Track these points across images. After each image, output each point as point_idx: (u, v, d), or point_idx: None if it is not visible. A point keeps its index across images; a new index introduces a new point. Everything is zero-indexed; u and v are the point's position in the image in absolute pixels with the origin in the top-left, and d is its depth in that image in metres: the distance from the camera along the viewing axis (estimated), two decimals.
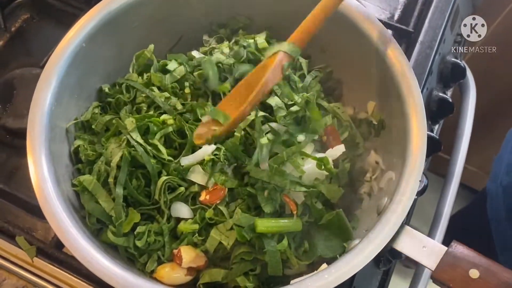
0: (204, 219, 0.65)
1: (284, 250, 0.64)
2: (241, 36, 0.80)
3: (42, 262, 0.72)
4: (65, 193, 0.64)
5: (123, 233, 0.64)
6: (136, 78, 0.74)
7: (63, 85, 0.68)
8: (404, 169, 0.62)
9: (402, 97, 0.66)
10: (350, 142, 0.76)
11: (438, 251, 0.57)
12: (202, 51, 0.80)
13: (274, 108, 0.71)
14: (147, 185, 0.66)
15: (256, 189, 0.66)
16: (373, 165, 0.74)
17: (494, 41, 1.14)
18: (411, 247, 0.59)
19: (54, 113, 0.66)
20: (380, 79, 0.71)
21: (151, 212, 0.67)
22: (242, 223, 0.63)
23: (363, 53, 0.73)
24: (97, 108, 0.74)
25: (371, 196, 0.72)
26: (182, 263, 0.64)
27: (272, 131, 0.69)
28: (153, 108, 0.71)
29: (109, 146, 0.66)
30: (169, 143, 0.69)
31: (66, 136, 0.70)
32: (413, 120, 0.64)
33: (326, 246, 0.66)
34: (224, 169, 0.68)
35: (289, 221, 0.65)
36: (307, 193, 0.66)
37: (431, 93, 0.90)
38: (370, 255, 0.57)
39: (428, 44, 0.89)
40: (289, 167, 0.66)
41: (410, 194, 0.60)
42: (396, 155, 0.67)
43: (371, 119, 0.75)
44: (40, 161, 0.62)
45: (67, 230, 0.58)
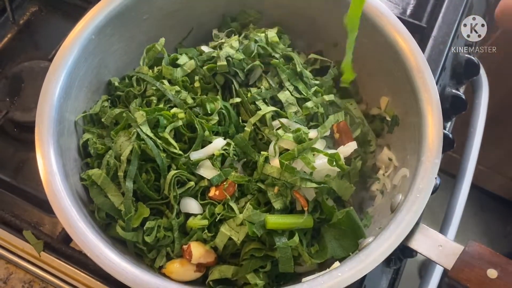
0: (214, 214, 0.65)
1: (296, 247, 0.63)
2: (252, 30, 0.79)
3: (49, 256, 0.72)
4: (74, 187, 0.63)
5: (132, 228, 0.63)
6: (146, 71, 0.73)
7: (72, 78, 0.67)
8: (419, 166, 0.61)
9: (417, 93, 0.65)
10: (362, 139, 0.74)
11: (455, 250, 0.55)
12: (212, 46, 0.79)
13: (285, 104, 0.70)
14: (157, 179, 0.65)
15: (266, 185, 0.65)
16: (386, 162, 0.72)
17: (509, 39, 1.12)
18: (426, 246, 0.57)
19: (62, 106, 0.65)
20: (394, 73, 0.69)
21: (160, 207, 0.66)
22: (252, 219, 0.62)
23: (376, 47, 0.71)
24: (106, 101, 0.73)
25: (384, 194, 0.71)
26: (191, 258, 0.63)
27: (283, 127, 0.68)
28: (163, 101, 0.70)
29: (119, 140, 0.65)
30: (179, 137, 0.68)
31: (75, 129, 0.69)
32: (429, 116, 0.63)
33: (338, 245, 0.64)
34: (233, 164, 0.68)
35: (300, 217, 0.64)
36: (318, 190, 0.64)
37: (444, 89, 0.88)
38: (384, 253, 0.55)
39: (441, 39, 0.87)
40: (300, 164, 0.65)
41: (426, 192, 0.58)
42: (410, 151, 0.66)
43: (384, 115, 0.74)
44: (49, 154, 0.61)
45: (76, 224, 0.57)
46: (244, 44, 0.74)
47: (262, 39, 0.75)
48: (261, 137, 0.69)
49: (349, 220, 0.64)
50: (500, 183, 1.70)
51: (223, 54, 0.72)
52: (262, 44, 0.74)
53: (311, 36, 0.80)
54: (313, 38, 0.80)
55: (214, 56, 0.73)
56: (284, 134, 0.67)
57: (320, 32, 0.78)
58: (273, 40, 0.75)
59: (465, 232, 0.96)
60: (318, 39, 0.80)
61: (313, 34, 0.79)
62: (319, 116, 0.71)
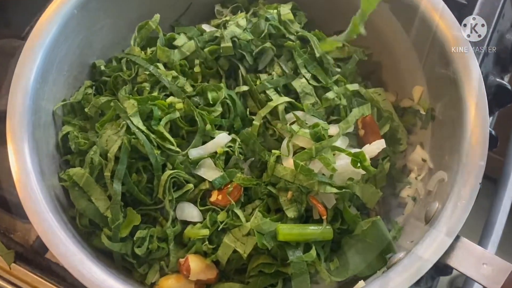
0: (216, 223, 0.63)
1: (312, 262, 0.61)
2: (261, 5, 0.78)
3: (21, 269, 0.71)
4: (51, 188, 0.62)
5: (120, 237, 0.62)
6: (138, 53, 0.72)
7: (50, 60, 0.66)
8: (459, 169, 0.59)
9: (457, 81, 0.63)
10: (391, 136, 0.73)
11: (503, 268, 0.54)
12: (214, 24, 0.78)
13: (300, 94, 0.68)
14: (149, 181, 0.64)
15: (277, 189, 0.64)
16: (419, 163, 0.71)
17: None
18: (468, 264, 0.56)
19: (38, 92, 0.64)
20: (430, 58, 0.68)
21: (154, 213, 0.65)
22: (262, 229, 0.61)
23: (409, 27, 0.69)
24: (90, 88, 0.72)
25: (416, 201, 0.70)
26: (189, 274, 0.62)
27: (298, 121, 0.67)
28: (158, 89, 0.69)
29: (105, 133, 0.64)
30: (176, 131, 0.67)
31: (53, 120, 0.68)
32: (471, 108, 0.61)
33: (362, 261, 0.63)
34: (239, 164, 0.67)
35: (318, 228, 0.62)
36: (338, 195, 0.63)
37: (486, 78, 0.87)
38: (418, 272, 0.54)
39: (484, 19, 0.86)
40: (318, 165, 0.64)
41: (469, 200, 0.57)
42: (448, 151, 0.65)
43: (417, 107, 0.72)
44: (23, 150, 0.60)
45: (53, 231, 0.56)
46: (252, 23, 0.73)
47: (274, 16, 0.73)
48: (272, 133, 0.68)
49: (376, 232, 0.63)
50: None
51: (227, 34, 0.71)
52: (274, 23, 0.72)
53: (332, 13, 0.78)
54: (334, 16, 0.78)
55: (217, 37, 0.71)
56: (300, 130, 0.65)
57: (342, 8, 0.77)
58: (287, 17, 0.74)
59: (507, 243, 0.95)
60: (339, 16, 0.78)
61: (334, 11, 0.78)
62: (341, 109, 0.70)
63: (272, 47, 0.71)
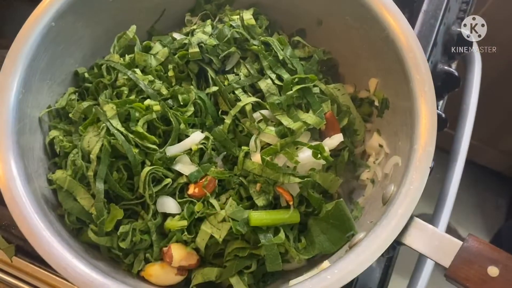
0: (193, 214, 0.59)
1: (282, 243, 0.58)
2: (227, 11, 0.72)
3: (22, 261, 0.67)
4: (38, 191, 0.57)
5: (106, 232, 0.58)
6: (117, 59, 0.66)
7: (32, 69, 0.60)
8: (411, 154, 0.55)
9: (407, 74, 0.59)
10: (349, 128, 0.68)
11: (452, 246, 0.50)
12: (184, 32, 0.72)
13: (266, 94, 0.64)
14: (130, 177, 0.60)
15: (247, 181, 0.60)
16: (376, 148, 0.67)
17: (502, 7, 1.06)
18: (421, 242, 0.52)
19: (22, 101, 0.59)
20: (383, 53, 0.63)
21: (135, 207, 0.60)
22: (236, 216, 0.58)
23: (363, 24, 0.64)
24: (74, 94, 0.67)
25: (374, 183, 0.66)
26: (172, 261, 0.58)
27: (264, 119, 0.62)
28: (135, 92, 0.63)
29: (86, 136, 0.59)
30: (153, 130, 0.62)
31: (40, 126, 0.63)
32: (421, 99, 0.57)
33: (326, 239, 0.60)
34: (213, 159, 0.62)
35: (286, 212, 0.59)
36: (302, 184, 0.59)
37: (435, 66, 0.83)
38: (376, 252, 0.50)
39: (432, 13, 0.81)
40: (283, 159, 0.60)
41: (420, 183, 0.53)
42: (402, 138, 0.60)
43: (373, 98, 0.68)
44: (7, 158, 0.55)
45: (40, 233, 0.52)
46: (218, 29, 0.67)
47: (237, 22, 0.68)
48: (241, 129, 0.64)
49: (338, 212, 0.59)
50: (491, 156, 1.66)
51: (194, 41, 0.65)
52: (238, 30, 0.67)
53: (292, 14, 0.72)
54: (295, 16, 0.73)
55: (185, 43, 0.66)
56: (266, 128, 0.61)
57: (302, 9, 0.71)
58: (249, 22, 0.68)
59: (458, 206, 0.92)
60: (300, 16, 0.73)
61: (295, 11, 0.72)
62: (303, 107, 0.65)
63: (237, 51, 0.66)
